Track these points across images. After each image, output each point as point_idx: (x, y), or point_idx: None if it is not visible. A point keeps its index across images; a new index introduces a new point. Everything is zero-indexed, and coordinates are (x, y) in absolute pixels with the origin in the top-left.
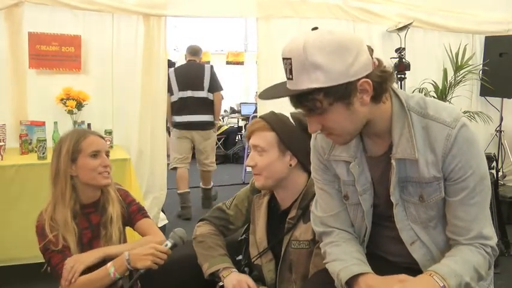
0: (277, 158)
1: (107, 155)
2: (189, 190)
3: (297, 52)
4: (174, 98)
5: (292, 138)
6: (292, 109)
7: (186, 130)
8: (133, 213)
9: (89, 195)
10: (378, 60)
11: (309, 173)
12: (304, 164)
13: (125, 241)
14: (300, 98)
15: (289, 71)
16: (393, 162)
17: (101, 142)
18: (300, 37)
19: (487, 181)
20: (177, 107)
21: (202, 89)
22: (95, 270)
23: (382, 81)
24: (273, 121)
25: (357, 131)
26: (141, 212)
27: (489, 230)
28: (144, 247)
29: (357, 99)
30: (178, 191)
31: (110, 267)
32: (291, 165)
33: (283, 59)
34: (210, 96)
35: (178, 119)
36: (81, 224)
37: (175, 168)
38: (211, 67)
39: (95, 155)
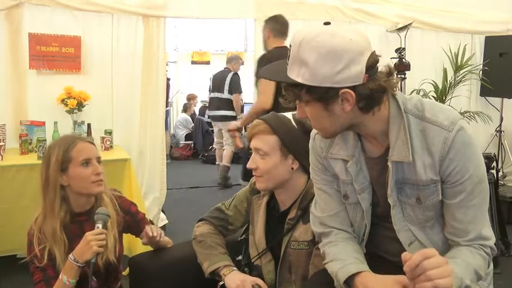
0: (279, 161)
1: (99, 161)
2: (224, 163)
3: (295, 44)
4: (208, 97)
5: (295, 142)
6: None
7: (214, 121)
8: (141, 221)
9: (82, 204)
10: (389, 70)
11: (309, 174)
12: (306, 166)
13: (120, 249)
14: (286, 86)
15: (288, 57)
16: (389, 164)
17: (91, 149)
18: (305, 30)
19: (485, 183)
20: (209, 104)
21: (223, 92)
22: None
23: (373, 95)
24: (275, 124)
25: (337, 131)
26: (147, 220)
27: (488, 231)
28: (81, 241)
29: (337, 105)
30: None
31: (62, 276)
32: (292, 168)
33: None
34: (231, 96)
35: (209, 113)
36: (73, 232)
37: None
38: (233, 74)
39: (86, 163)
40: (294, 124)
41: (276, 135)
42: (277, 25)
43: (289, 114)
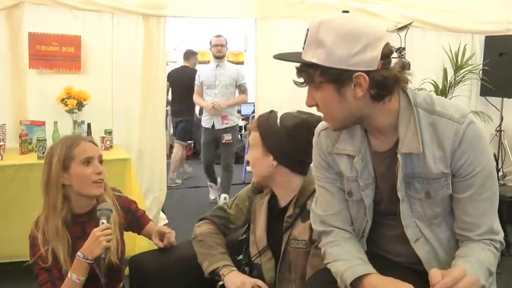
0: (262, 156)
1: (100, 160)
2: None
3: (313, 26)
4: None
5: (274, 141)
6: (290, 108)
7: None
8: (141, 218)
9: (83, 205)
10: (402, 63)
11: (303, 173)
12: (288, 167)
13: (123, 250)
14: (300, 67)
15: (304, 41)
16: (399, 157)
17: (93, 148)
18: (325, 16)
19: (495, 178)
20: None
21: None
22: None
23: (386, 83)
24: (261, 122)
25: (348, 120)
26: (147, 216)
27: (497, 225)
28: (89, 238)
29: (350, 89)
30: None
31: (71, 275)
32: (273, 165)
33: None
34: None
35: None
36: (75, 233)
37: None
38: None
39: (88, 162)
40: (278, 124)
41: (258, 132)
42: None
43: (278, 113)
